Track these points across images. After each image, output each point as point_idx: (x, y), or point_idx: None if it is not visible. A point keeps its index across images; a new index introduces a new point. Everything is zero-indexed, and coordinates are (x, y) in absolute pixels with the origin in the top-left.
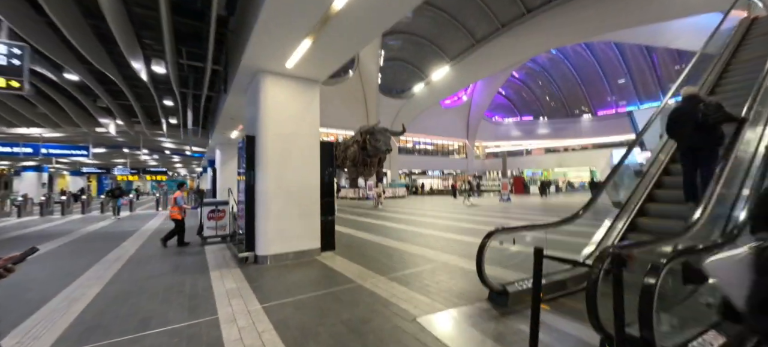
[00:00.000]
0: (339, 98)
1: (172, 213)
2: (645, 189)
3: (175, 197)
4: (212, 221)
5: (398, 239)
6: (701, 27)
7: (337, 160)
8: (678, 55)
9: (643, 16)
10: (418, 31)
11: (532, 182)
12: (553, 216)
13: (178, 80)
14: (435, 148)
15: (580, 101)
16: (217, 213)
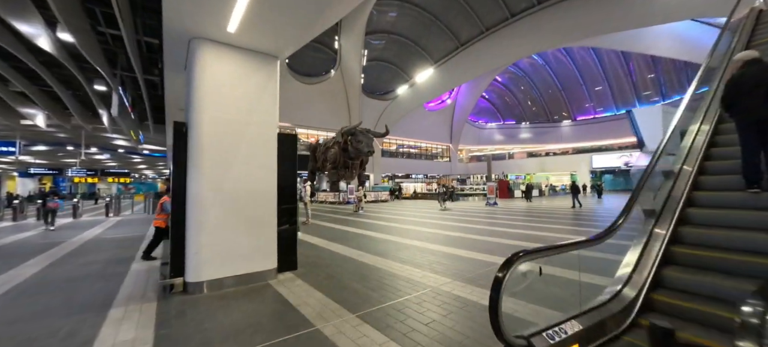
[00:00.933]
0: (320, 97)
1: (156, 221)
2: (681, 193)
3: (161, 203)
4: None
5: (377, 252)
6: (677, 35)
7: (317, 162)
8: (653, 63)
9: (623, 22)
10: (402, 31)
11: (515, 186)
12: (544, 221)
13: (104, 57)
14: (419, 151)
15: (560, 106)
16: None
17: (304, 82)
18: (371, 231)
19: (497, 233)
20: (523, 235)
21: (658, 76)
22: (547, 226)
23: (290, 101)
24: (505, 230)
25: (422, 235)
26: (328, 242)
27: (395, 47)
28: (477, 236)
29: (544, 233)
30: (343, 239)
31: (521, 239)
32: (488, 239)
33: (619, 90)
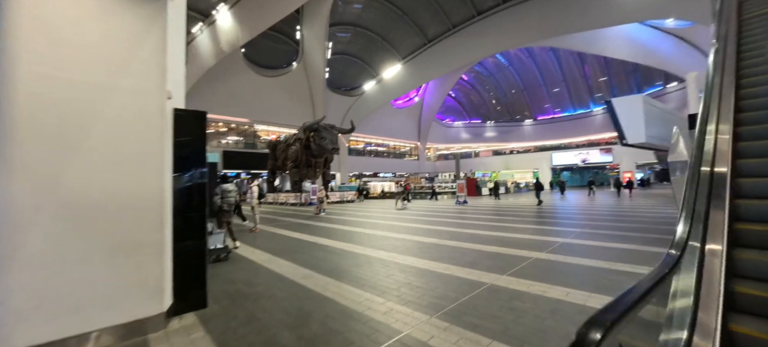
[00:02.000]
0: (282, 91)
1: None
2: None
3: None
4: None
5: (331, 270)
6: (630, 38)
7: (277, 160)
8: (606, 66)
9: (581, 24)
10: (369, 24)
11: (482, 183)
12: (518, 221)
13: None
14: (387, 149)
15: (522, 106)
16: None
17: (264, 75)
18: (329, 239)
19: (474, 238)
20: (503, 240)
21: (610, 78)
22: (523, 226)
23: (247, 94)
24: (481, 232)
25: (389, 242)
26: (272, 256)
27: (362, 41)
28: (452, 241)
29: (524, 235)
30: (293, 251)
31: (503, 245)
32: (465, 246)
33: (575, 91)
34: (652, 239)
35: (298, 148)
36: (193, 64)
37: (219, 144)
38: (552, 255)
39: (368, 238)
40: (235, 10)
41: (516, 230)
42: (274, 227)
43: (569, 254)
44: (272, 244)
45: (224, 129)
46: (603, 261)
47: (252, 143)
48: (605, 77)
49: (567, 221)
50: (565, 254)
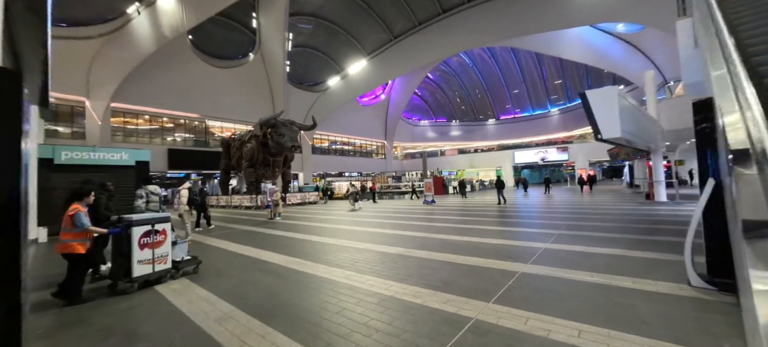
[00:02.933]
0: (237, 85)
1: (67, 246)
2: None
3: (71, 214)
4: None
5: (261, 307)
6: (585, 41)
7: (231, 159)
8: (561, 69)
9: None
10: (332, 16)
11: (448, 181)
12: (488, 222)
13: None
14: (353, 148)
15: (486, 106)
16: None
17: (216, 66)
18: (275, 252)
19: (446, 246)
20: (479, 247)
21: (565, 80)
22: (497, 229)
23: (196, 86)
24: (454, 238)
25: (347, 255)
26: (189, 283)
27: (325, 34)
28: (421, 251)
29: (501, 240)
30: (222, 272)
31: (481, 255)
32: (437, 258)
33: (534, 92)
34: (634, 241)
35: (254, 145)
36: (129, 50)
37: (163, 141)
38: (539, 268)
39: (323, 249)
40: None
41: (491, 235)
42: (214, 236)
43: (557, 265)
44: (199, 255)
45: (170, 125)
46: (599, 275)
47: (204, 141)
48: (560, 80)
49: (540, 221)
50: (553, 266)
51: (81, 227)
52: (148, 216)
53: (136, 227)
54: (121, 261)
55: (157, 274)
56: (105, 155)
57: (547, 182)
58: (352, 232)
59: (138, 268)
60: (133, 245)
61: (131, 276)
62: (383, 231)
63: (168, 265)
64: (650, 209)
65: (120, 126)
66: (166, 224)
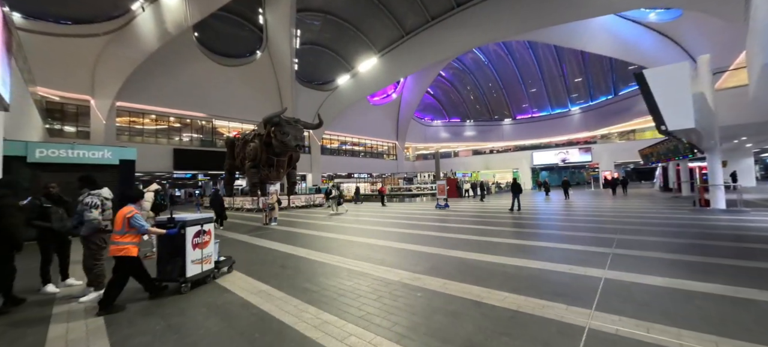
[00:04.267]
0: (245, 83)
1: (121, 249)
2: None
3: (129, 217)
4: (198, 250)
5: None
6: (609, 32)
7: (235, 159)
8: (583, 65)
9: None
10: (341, 12)
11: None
12: (518, 234)
13: None
14: (364, 149)
15: (502, 105)
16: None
17: (222, 64)
18: (250, 277)
19: (468, 271)
20: (520, 276)
21: (588, 77)
22: (532, 244)
23: (202, 85)
24: (478, 258)
25: (337, 282)
26: (140, 318)
27: (334, 30)
28: (436, 280)
29: (542, 262)
30: (176, 301)
31: (521, 290)
32: (459, 295)
33: (553, 91)
34: (733, 271)
35: (258, 145)
36: (134, 48)
37: (169, 141)
38: (615, 319)
39: (306, 270)
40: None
41: (523, 252)
42: None
43: (642, 314)
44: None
45: (177, 124)
46: (729, 343)
47: (210, 141)
48: (582, 77)
49: (579, 234)
50: (637, 316)
51: (139, 229)
52: (198, 217)
53: (189, 228)
54: (176, 261)
55: (203, 274)
56: (85, 152)
57: (565, 185)
58: (349, 244)
59: (191, 268)
60: (187, 245)
61: (185, 276)
62: (387, 244)
63: (211, 265)
64: (714, 220)
65: (125, 126)
66: (211, 225)
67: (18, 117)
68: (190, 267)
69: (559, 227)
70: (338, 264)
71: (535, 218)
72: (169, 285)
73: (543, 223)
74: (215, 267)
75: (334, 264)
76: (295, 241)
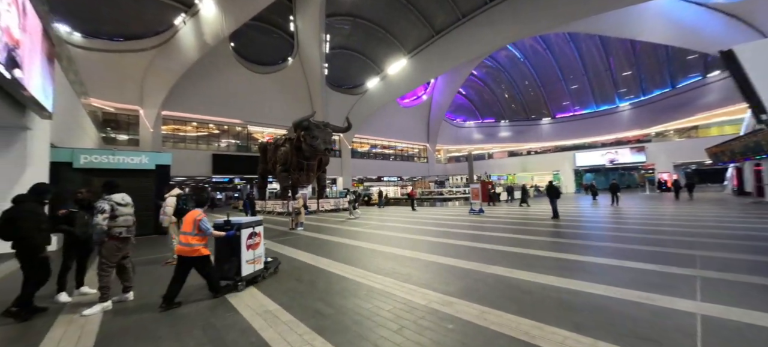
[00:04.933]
0: (277, 90)
1: (188, 249)
2: None
3: (199, 219)
4: (250, 251)
5: None
6: (667, 17)
7: (267, 164)
8: (633, 55)
9: (612, 1)
10: (369, 15)
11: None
12: (562, 242)
13: None
14: (394, 152)
15: (540, 103)
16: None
17: (256, 72)
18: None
19: (515, 294)
20: (573, 304)
21: (638, 70)
22: (593, 260)
23: (238, 93)
24: (523, 276)
25: (355, 303)
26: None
27: (363, 34)
28: (473, 307)
29: (616, 287)
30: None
31: (590, 329)
32: (507, 330)
33: (598, 86)
34: None
35: (288, 149)
36: (176, 60)
37: (208, 147)
38: None
39: (326, 288)
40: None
41: (584, 273)
42: None
43: None
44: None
45: (216, 131)
46: None
47: (245, 146)
48: (632, 70)
49: (647, 248)
50: None
51: (206, 231)
52: (251, 219)
53: (244, 230)
54: (233, 261)
55: (254, 274)
56: (124, 158)
57: (613, 188)
58: (373, 254)
59: (245, 267)
60: (242, 246)
61: (241, 275)
62: (415, 255)
63: (261, 265)
64: None
65: (170, 133)
66: (261, 227)
67: (70, 126)
68: (244, 267)
69: (617, 238)
70: (359, 279)
71: (584, 226)
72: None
73: (595, 233)
74: (264, 267)
75: (354, 279)
76: (317, 249)
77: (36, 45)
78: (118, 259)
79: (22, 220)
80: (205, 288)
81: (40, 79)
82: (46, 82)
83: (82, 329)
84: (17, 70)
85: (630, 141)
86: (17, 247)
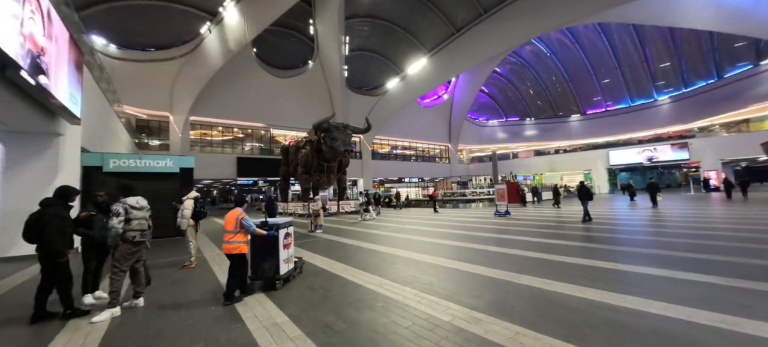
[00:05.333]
0: (297, 93)
1: (235, 247)
2: None
3: (241, 218)
4: (285, 250)
5: None
6: (717, 2)
7: (289, 166)
8: (672, 44)
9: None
10: (388, 15)
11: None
12: (601, 247)
13: None
14: (415, 153)
15: (568, 99)
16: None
17: (278, 76)
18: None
19: (558, 312)
20: (637, 331)
21: (679, 60)
22: (654, 273)
23: (261, 97)
24: (564, 289)
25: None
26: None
27: (381, 34)
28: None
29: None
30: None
31: None
32: None
33: (633, 78)
34: None
35: (309, 151)
36: (203, 67)
37: (233, 150)
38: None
39: (340, 298)
40: (241, 4)
41: (637, 287)
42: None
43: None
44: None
45: (241, 135)
46: None
47: (268, 149)
48: (669, 62)
49: (711, 258)
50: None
51: (248, 228)
52: (285, 220)
53: (281, 230)
54: (272, 260)
55: (288, 273)
56: (150, 162)
57: (652, 188)
58: (393, 260)
59: (282, 266)
60: (280, 246)
61: (280, 274)
62: (437, 261)
63: (292, 265)
64: None
65: (197, 138)
66: (292, 228)
67: (102, 132)
68: (282, 266)
69: (662, 244)
70: (376, 288)
71: (622, 230)
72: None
73: (636, 238)
74: (294, 266)
75: (371, 289)
76: (334, 253)
77: (62, 52)
78: (131, 263)
79: (46, 224)
80: (215, 296)
81: (68, 85)
82: (74, 89)
83: (86, 337)
84: (42, 76)
85: (671, 137)
86: (39, 251)
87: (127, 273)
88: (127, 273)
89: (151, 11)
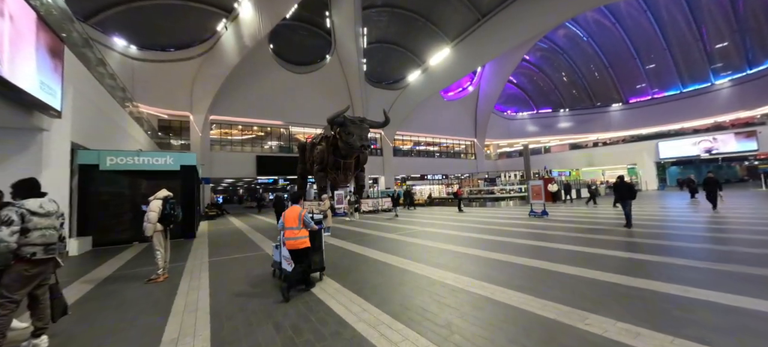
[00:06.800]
0: (316, 89)
1: (300, 242)
2: None
3: (303, 215)
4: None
5: None
6: None
7: (306, 163)
8: (735, 19)
9: None
10: (407, 3)
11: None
12: (682, 264)
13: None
14: (439, 149)
15: (607, 86)
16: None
17: (295, 72)
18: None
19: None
20: None
21: (743, 38)
22: None
23: (279, 94)
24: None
25: None
26: None
27: (401, 24)
28: None
29: None
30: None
31: None
32: None
33: (685, 61)
34: None
35: (325, 147)
36: (220, 65)
37: (252, 149)
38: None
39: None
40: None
41: None
42: (204, 268)
43: None
44: None
45: (260, 133)
46: None
47: (288, 147)
48: (731, 40)
49: None
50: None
51: (308, 224)
52: (320, 217)
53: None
54: (320, 253)
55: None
56: (149, 159)
57: (712, 185)
58: (404, 276)
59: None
60: (322, 240)
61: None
62: (461, 283)
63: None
64: None
65: (217, 137)
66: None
67: (108, 130)
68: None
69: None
70: (371, 331)
71: (718, 239)
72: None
73: (735, 252)
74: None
75: (365, 335)
76: (335, 265)
77: (24, 34)
78: (28, 289)
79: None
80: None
81: (36, 73)
82: (48, 78)
83: None
84: None
85: (734, 125)
86: None
87: (20, 302)
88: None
89: (168, 10)
